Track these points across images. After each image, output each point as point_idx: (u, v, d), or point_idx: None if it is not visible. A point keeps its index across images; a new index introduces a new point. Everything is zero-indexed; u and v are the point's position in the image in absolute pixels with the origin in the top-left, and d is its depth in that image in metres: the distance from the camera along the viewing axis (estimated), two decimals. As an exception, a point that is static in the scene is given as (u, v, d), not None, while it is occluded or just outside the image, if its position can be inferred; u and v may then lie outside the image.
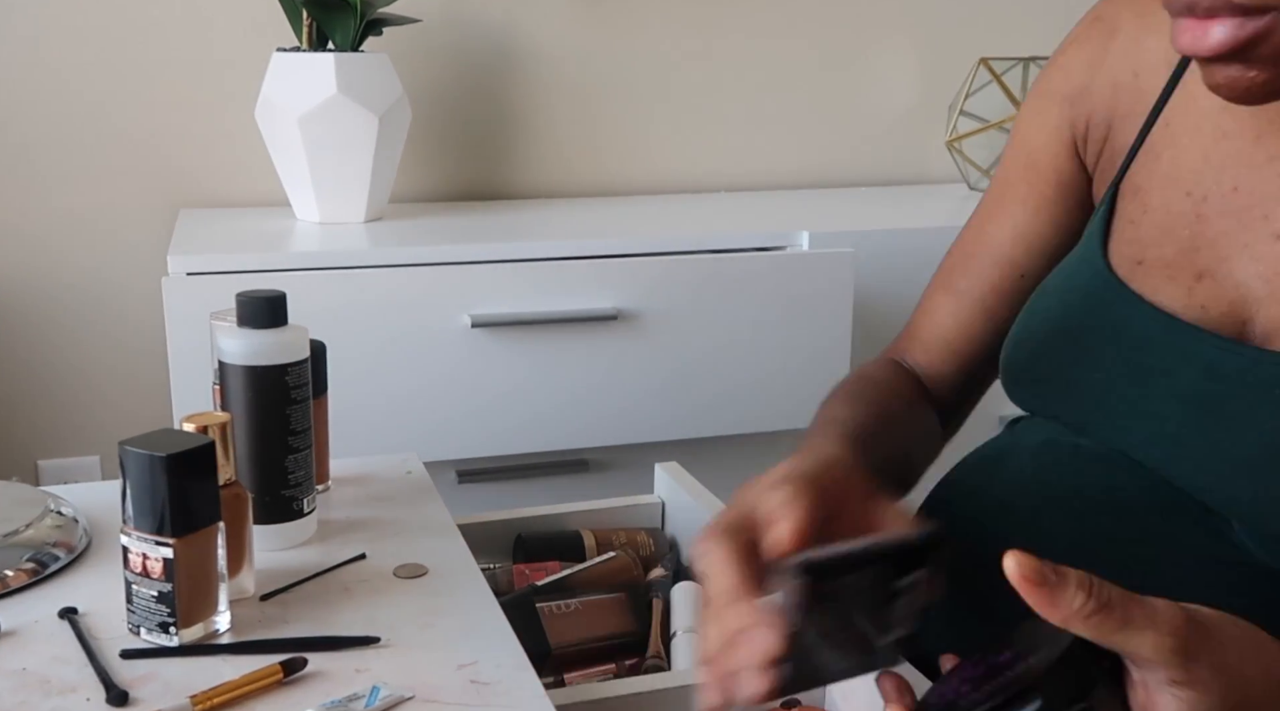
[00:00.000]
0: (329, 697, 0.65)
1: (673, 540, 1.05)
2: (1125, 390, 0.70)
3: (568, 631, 0.84)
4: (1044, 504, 0.74)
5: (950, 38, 2.19)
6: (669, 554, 0.99)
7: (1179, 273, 0.71)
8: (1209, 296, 0.69)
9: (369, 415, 1.53)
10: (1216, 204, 0.70)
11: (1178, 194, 0.72)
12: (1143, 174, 0.75)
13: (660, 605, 0.87)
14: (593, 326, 1.57)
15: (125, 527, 0.69)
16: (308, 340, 0.84)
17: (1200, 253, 0.70)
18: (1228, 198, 0.70)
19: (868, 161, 2.22)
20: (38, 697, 0.65)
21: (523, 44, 1.98)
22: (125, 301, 1.85)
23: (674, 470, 1.06)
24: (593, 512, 1.03)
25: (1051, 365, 0.75)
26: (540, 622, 0.83)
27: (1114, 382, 0.71)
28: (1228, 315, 0.69)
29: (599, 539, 0.84)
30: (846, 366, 1.69)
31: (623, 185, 2.08)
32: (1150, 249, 0.73)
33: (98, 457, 1.88)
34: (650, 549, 1.00)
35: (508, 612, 0.74)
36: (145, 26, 1.80)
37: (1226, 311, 0.69)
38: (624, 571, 0.89)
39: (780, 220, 1.83)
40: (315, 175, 1.67)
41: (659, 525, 1.06)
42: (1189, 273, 0.70)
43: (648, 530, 1.02)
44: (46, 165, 1.80)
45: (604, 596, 0.87)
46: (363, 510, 0.91)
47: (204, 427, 0.72)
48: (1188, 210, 0.71)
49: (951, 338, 0.87)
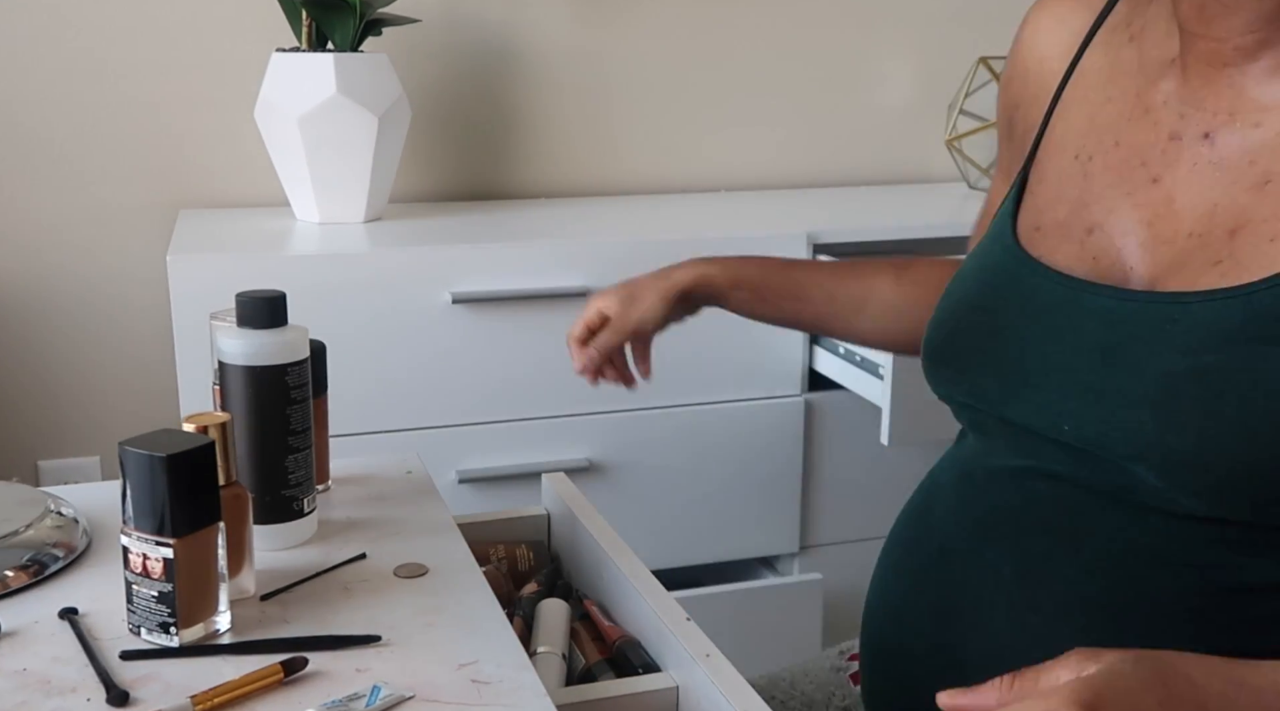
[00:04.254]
0: (329, 697, 0.65)
1: (555, 554, 1.02)
2: (1039, 350, 0.73)
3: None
4: (977, 538, 0.76)
5: (950, 37, 2.19)
6: (547, 568, 0.97)
7: (1071, 231, 0.75)
8: (1099, 248, 0.73)
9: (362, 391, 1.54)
10: (1100, 161, 0.75)
11: (1067, 159, 0.78)
12: (1043, 149, 0.81)
13: (520, 624, 0.86)
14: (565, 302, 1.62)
15: (125, 528, 0.69)
16: (308, 340, 0.84)
17: (1089, 208, 0.75)
18: (1110, 153, 0.75)
19: (868, 161, 2.22)
20: (38, 698, 0.65)
21: (522, 44, 1.98)
22: (125, 301, 1.85)
23: (560, 482, 1.04)
24: (476, 523, 1.01)
25: (967, 342, 0.78)
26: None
27: (1027, 346, 0.74)
28: (1116, 263, 0.72)
29: (476, 553, 0.84)
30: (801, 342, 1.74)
31: (623, 185, 2.08)
32: (1046, 213, 0.77)
33: (98, 458, 1.88)
34: (529, 563, 0.98)
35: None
36: (145, 26, 1.80)
37: (1115, 260, 0.72)
38: (492, 586, 0.88)
39: (780, 220, 1.83)
40: (315, 175, 1.67)
41: (544, 538, 1.04)
42: (1080, 229, 0.74)
43: (529, 543, 1.00)
44: (47, 165, 1.80)
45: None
46: (363, 510, 0.91)
47: (204, 427, 0.72)
48: (1076, 171, 0.76)
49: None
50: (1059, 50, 0.82)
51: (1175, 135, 0.72)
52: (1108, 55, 0.78)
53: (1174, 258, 0.69)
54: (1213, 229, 0.68)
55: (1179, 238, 0.70)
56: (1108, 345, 0.69)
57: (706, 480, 1.73)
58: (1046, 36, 0.84)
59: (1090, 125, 0.77)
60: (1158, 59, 0.74)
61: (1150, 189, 0.72)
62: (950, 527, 0.78)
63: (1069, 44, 0.82)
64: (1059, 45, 0.82)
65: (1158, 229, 0.71)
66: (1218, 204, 0.68)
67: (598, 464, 1.67)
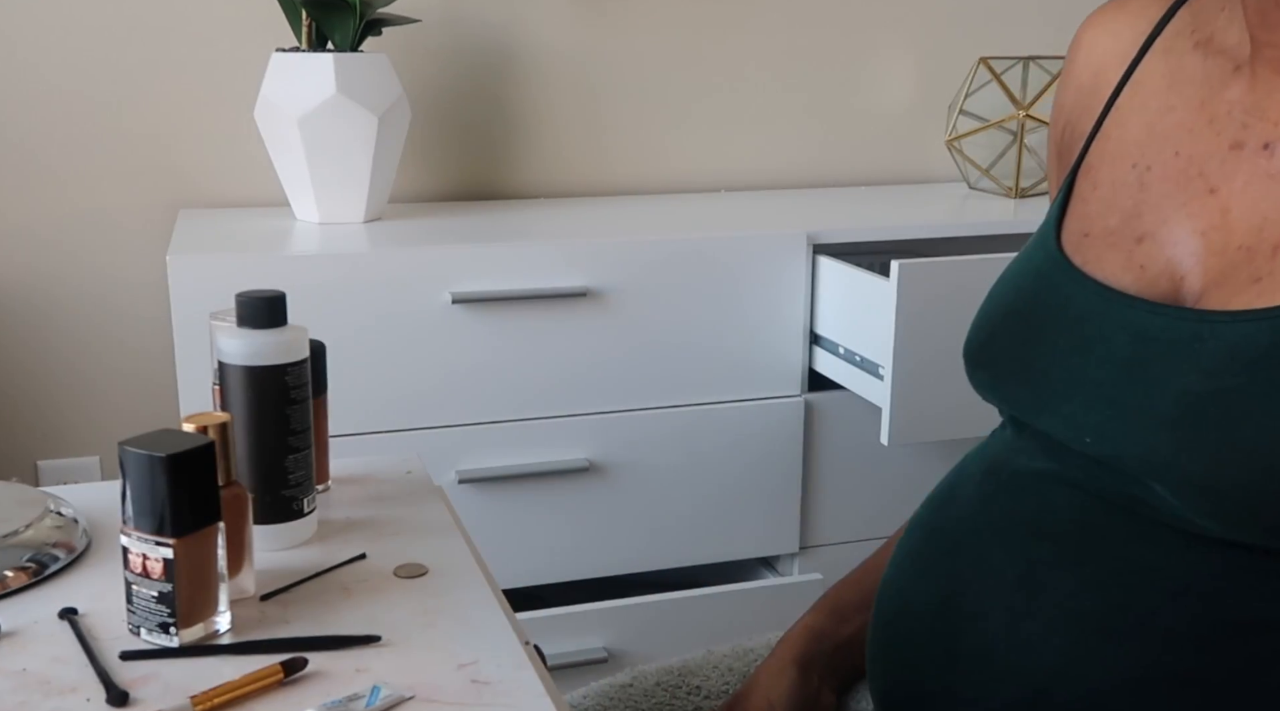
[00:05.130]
0: (329, 697, 0.65)
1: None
2: (1067, 363, 0.72)
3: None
4: (988, 538, 0.76)
5: (950, 37, 2.19)
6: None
7: (1121, 239, 0.74)
8: (1147, 257, 0.72)
9: (362, 391, 1.54)
10: (1159, 171, 0.73)
11: (1124, 167, 0.76)
12: (1096, 155, 0.79)
13: None
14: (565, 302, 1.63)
15: (125, 528, 0.69)
16: (307, 340, 0.84)
17: (1142, 217, 0.73)
18: (1169, 163, 0.73)
19: (868, 161, 2.22)
20: (38, 698, 0.65)
21: (522, 44, 1.98)
22: (125, 302, 1.85)
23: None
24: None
25: (1003, 347, 0.77)
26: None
27: (1057, 357, 0.73)
28: (1164, 273, 0.71)
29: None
30: (801, 342, 1.74)
31: (623, 185, 2.08)
32: (1096, 221, 0.76)
33: (98, 458, 1.88)
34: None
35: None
36: (145, 26, 1.80)
37: (1163, 270, 0.71)
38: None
39: (780, 220, 1.83)
40: (315, 175, 1.67)
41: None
42: (1130, 238, 0.73)
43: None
44: (47, 165, 1.80)
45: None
46: (363, 510, 0.91)
47: (204, 427, 0.72)
48: (1132, 180, 0.75)
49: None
50: (1114, 60, 0.81)
51: (1237, 145, 0.70)
52: (1169, 63, 0.77)
53: (1221, 269, 0.68)
54: (1260, 243, 0.67)
55: (1229, 249, 0.68)
56: (1134, 360, 0.68)
57: (706, 480, 1.73)
58: (1102, 51, 0.82)
59: (1149, 135, 0.75)
60: (1226, 65, 0.73)
61: (1206, 199, 0.70)
62: (967, 522, 0.78)
63: (1124, 54, 0.80)
64: (1114, 56, 0.81)
65: (1211, 239, 0.69)
66: (1268, 218, 0.67)
67: (598, 464, 1.67)
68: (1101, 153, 0.79)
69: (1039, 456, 0.74)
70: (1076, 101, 0.84)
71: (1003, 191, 2.05)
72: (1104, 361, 0.70)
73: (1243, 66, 0.71)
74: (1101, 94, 0.81)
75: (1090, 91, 0.82)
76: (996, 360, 0.78)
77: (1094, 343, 0.71)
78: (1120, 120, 0.78)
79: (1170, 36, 0.78)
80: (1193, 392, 0.64)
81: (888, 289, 1.52)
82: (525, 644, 0.72)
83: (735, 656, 0.97)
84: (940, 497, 0.84)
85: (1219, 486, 0.63)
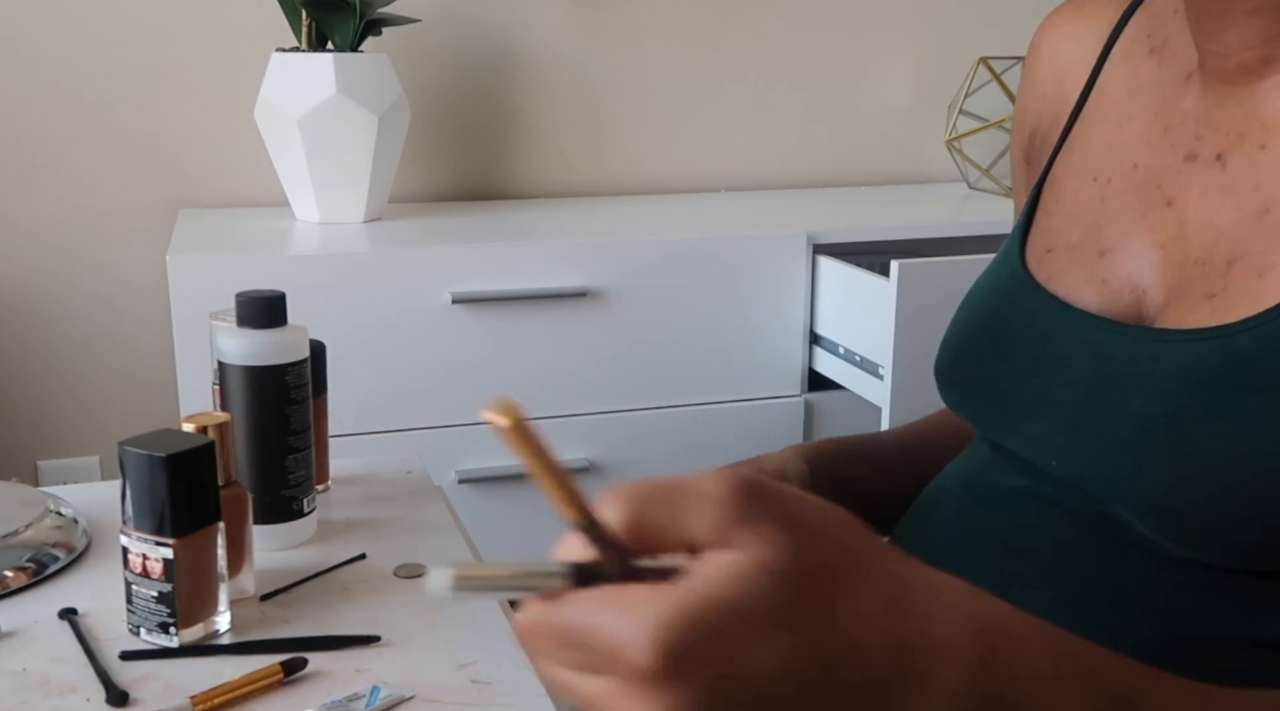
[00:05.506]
0: (329, 697, 0.65)
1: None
2: (1031, 382, 0.71)
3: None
4: (963, 554, 0.75)
5: (950, 37, 2.19)
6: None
7: (1083, 254, 0.72)
8: (1108, 271, 0.71)
9: (362, 391, 1.53)
10: (1118, 184, 0.72)
11: (1085, 180, 0.75)
12: (1061, 168, 0.78)
13: None
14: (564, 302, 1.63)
15: (125, 528, 0.69)
16: (307, 340, 0.84)
17: (1103, 232, 0.72)
18: (1128, 176, 0.72)
19: (868, 161, 2.22)
20: (38, 698, 0.65)
21: (522, 44, 1.98)
22: (125, 302, 1.85)
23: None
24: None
25: (970, 366, 0.77)
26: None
27: (1022, 377, 0.72)
28: (1125, 288, 0.70)
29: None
30: (801, 342, 1.74)
31: (623, 185, 2.08)
32: (1059, 236, 0.75)
33: (98, 458, 1.88)
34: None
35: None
36: (145, 26, 1.80)
37: (1124, 284, 0.70)
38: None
39: (780, 220, 1.83)
40: (315, 175, 1.67)
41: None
42: (1092, 252, 0.72)
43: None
44: (46, 165, 1.80)
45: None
46: (363, 510, 0.91)
47: (204, 427, 0.72)
48: (1094, 194, 0.74)
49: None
50: (1076, 67, 0.80)
51: (1191, 156, 0.69)
52: (1127, 70, 0.75)
53: (1179, 283, 0.67)
54: (1214, 258, 0.66)
55: (1186, 263, 0.67)
56: (1095, 381, 0.68)
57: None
58: (1064, 59, 0.81)
59: (1109, 147, 0.74)
60: (1178, 73, 0.72)
61: (1164, 212, 0.69)
62: (943, 537, 0.78)
63: (1086, 60, 0.79)
64: (1076, 63, 0.80)
65: (1169, 252, 0.68)
66: (1222, 231, 0.66)
67: (598, 464, 1.67)
68: (1066, 165, 0.77)
69: (1012, 473, 0.74)
70: (1042, 109, 0.82)
71: (1003, 191, 2.05)
72: (1067, 382, 0.69)
73: (1193, 74, 0.70)
74: (1066, 102, 0.79)
75: (1055, 99, 0.81)
76: (964, 379, 0.77)
77: (1057, 362, 0.70)
78: (1084, 132, 0.77)
79: (1127, 42, 0.76)
80: (1150, 414, 0.63)
81: (888, 289, 1.52)
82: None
83: None
84: (920, 509, 0.83)
85: (1179, 508, 0.62)
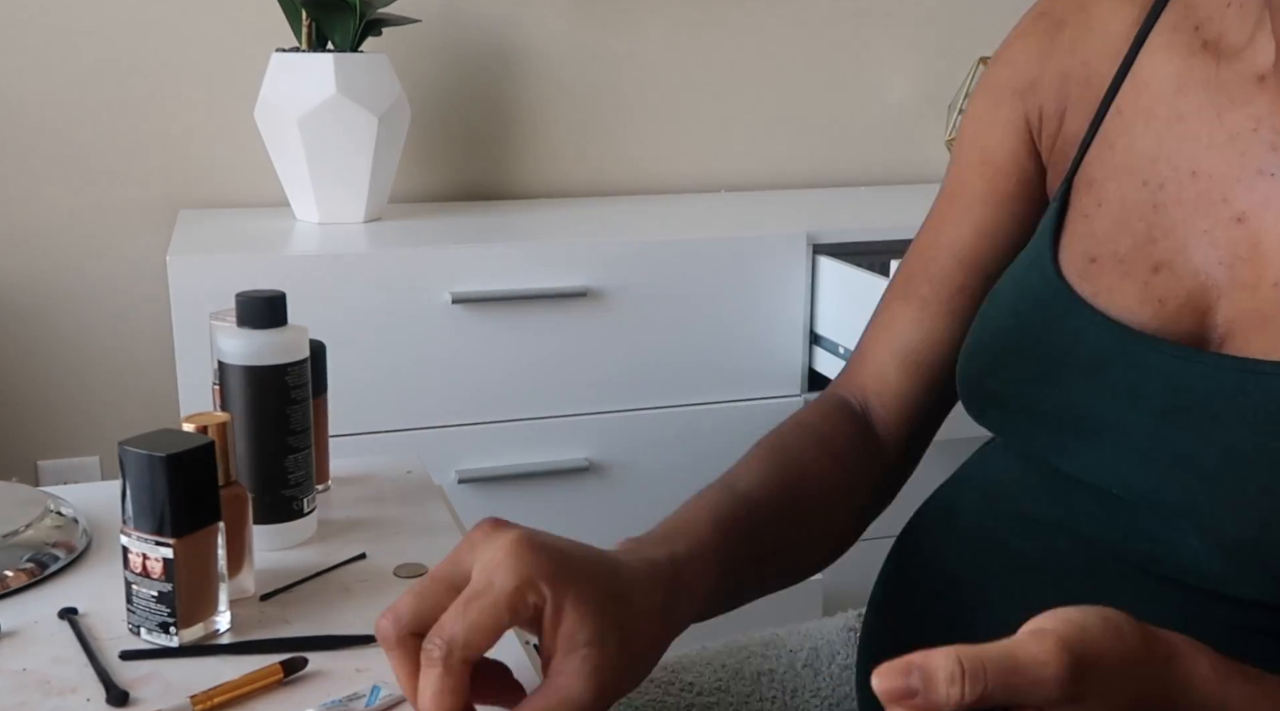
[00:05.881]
0: (329, 697, 0.65)
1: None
2: (1089, 409, 0.67)
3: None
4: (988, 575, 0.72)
5: (950, 37, 2.19)
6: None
7: (1134, 267, 0.67)
8: (1166, 289, 0.66)
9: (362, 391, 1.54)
10: (1174, 191, 0.67)
11: (1134, 184, 0.69)
12: (1096, 166, 0.72)
13: None
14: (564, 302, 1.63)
15: (125, 528, 0.69)
16: (307, 340, 0.84)
17: (1157, 244, 0.67)
18: (1185, 183, 0.66)
19: (868, 161, 2.22)
20: (38, 698, 0.65)
21: (522, 44, 1.98)
22: (125, 301, 1.85)
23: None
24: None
25: (1008, 384, 0.72)
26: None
27: (1075, 403, 0.67)
28: (1186, 307, 0.65)
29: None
30: (801, 342, 1.74)
31: (622, 185, 2.08)
32: (1104, 245, 0.69)
33: (98, 458, 1.88)
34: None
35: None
36: (145, 26, 1.80)
37: (1184, 303, 0.65)
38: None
39: (780, 220, 1.83)
40: (315, 176, 1.67)
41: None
42: (1145, 266, 0.67)
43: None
44: (46, 165, 1.80)
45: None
46: (363, 510, 0.91)
47: (204, 427, 0.72)
48: (1144, 200, 0.68)
49: (915, 347, 0.81)
50: (1105, 51, 0.73)
51: (1265, 170, 0.64)
52: (1172, 63, 0.69)
53: (1256, 307, 0.63)
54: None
55: (1264, 286, 0.62)
56: (1169, 409, 0.63)
57: (706, 480, 1.72)
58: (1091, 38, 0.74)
59: (1160, 148, 0.68)
60: (1243, 74, 0.66)
61: (1232, 228, 0.64)
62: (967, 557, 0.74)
63: (1115, 46, 0.72)
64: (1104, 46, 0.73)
65: (1238, 273, 0.64)
66: None
67: (598, 464, 1.67)
68: (1104, 163, 0.71)
69: (1044, 498, 0.70)
70: (1062, 90, 0.75)
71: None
72: (1134, 408, 0.65)
73: (1267, 78, 0.65)
74: (1094, 88, 0.73)
75: (1081, 83, 0.74)
76: (999, 396, 0.72)
77: (1119, 388, 0.65)
78: (1122, 128, 0.71)
79: (1168, 30, 0.70)
80: (1239, 449, 0.60)
81: (888, 289, 1.51)
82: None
83: (728, 652, 0.96)
84: (937, 517, 0.79)
85: (1263, 549, 0.59)
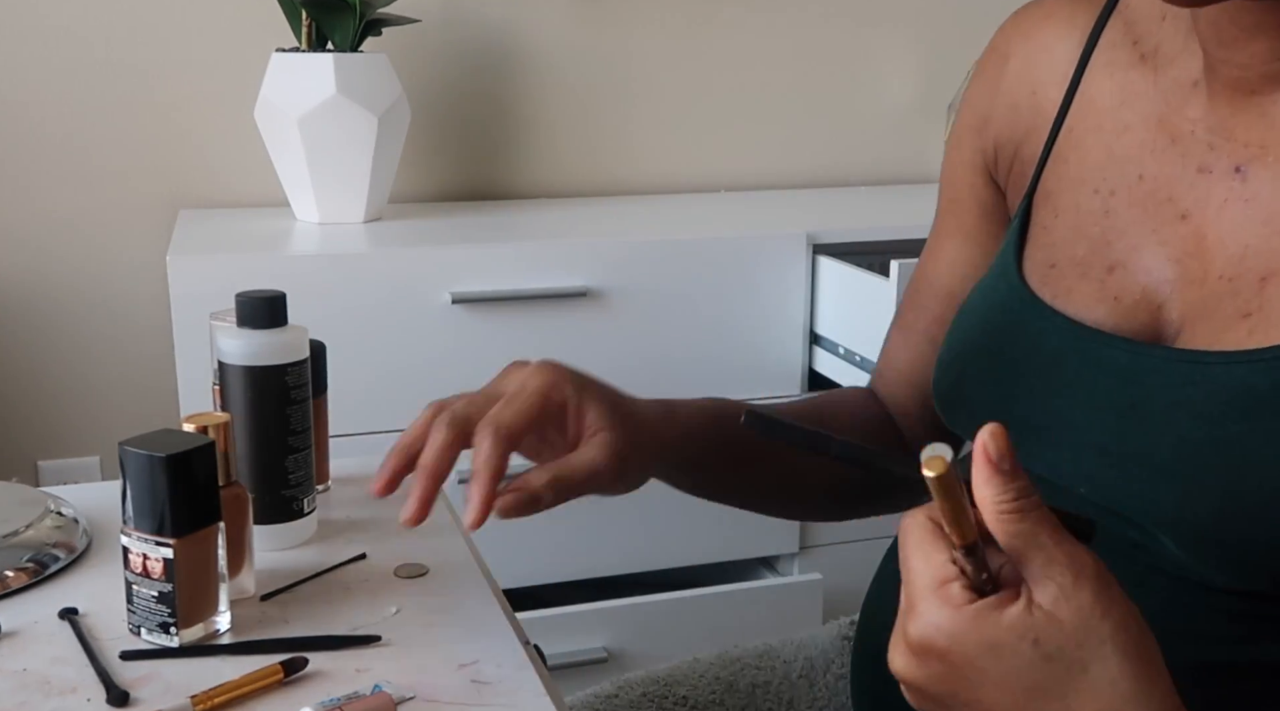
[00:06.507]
0: (329, 697, 0.65)
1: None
2: (1048, 406, 0.69)
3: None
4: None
5: (950, 37, 2.19)
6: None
7: (1091, 269, 0.70)
8: (1121, 288, 0.69)
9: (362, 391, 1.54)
10: (1124, 196, 0.70)
11: (1086, 192, 0.72)
12: (1052, 180, 0.75)
13: None
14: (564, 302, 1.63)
15: (125, 528, 0.69)
16: (307, 340, 0.84)
17: (1112, 246, 0.70)
18: (1134, 188, 0.70)
19: (868, 161, 2.22)
20: (38, 698, 0.65)
21: (522, 44, 1.98)
22: (125, 302, 1.85)
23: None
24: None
25: (976, 388, 0.74)
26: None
27: (1036, 400, 0.70)
28: (1141, 304, 0.68)
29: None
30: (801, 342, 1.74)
31: (622, 185, 2.08)
32: (1063, 251, 0.72)
33: (98, 458, 1.88)
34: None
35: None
36: (145, 27, 1.80)
37: (1140, 300, 0.68)
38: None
39: (780, 220, 1.83)
40: (315, 175, 1.67)
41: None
42: (1101, 267, 0.70)
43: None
44: (46, 166, 1.80)
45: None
46: (363, 510, 0.91)
47: (204, 428, 0.72)
48: (1097, 207, 0.71)
49: (907, 371, 0.89)
50: (1052, 76, 0.76)
51: (1204, 168, 0.67)
52: (1114, 78, 0.73)
53: (1203, 300, 0.65)
54: (1244, 273, 0.63)
55: (1209, 278, 0.65)
56: (1124, 404, 0.65)
57: (706, 480, 1.73)
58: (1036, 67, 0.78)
59: (1109, 157, 0.72)
60: (1179, 81, 0.69)
61: (1178, 225, 0.67)
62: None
63: (1061, 68, 0.76)
64: (1050, 71, 0.77)
65: (1186, 267, 0.66)
66: (1249, 246, 0.64)
67: (598, 464, 1.67)
68: (1059, 177, 0.75)
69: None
70: (1012, 120, 0.79)
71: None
72: (1090, 406, 0.67)
73: (1200, 83, 0.68)
74: (1044, 113, 0.77)
75: (1029, 110, 0.78)
76: (969, 402, 0.75)
77: (1076, 386, 0.68)
78: (1075, 142, 0.74)
79: (1108, 49, 0.74)
80: (1192, 439, 0.61)
81: (888, 289, 1.52)
82: (525, 644, 0.72)
83: (721, 665, 0.96)
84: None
85: (1225, 537, 0.60)
